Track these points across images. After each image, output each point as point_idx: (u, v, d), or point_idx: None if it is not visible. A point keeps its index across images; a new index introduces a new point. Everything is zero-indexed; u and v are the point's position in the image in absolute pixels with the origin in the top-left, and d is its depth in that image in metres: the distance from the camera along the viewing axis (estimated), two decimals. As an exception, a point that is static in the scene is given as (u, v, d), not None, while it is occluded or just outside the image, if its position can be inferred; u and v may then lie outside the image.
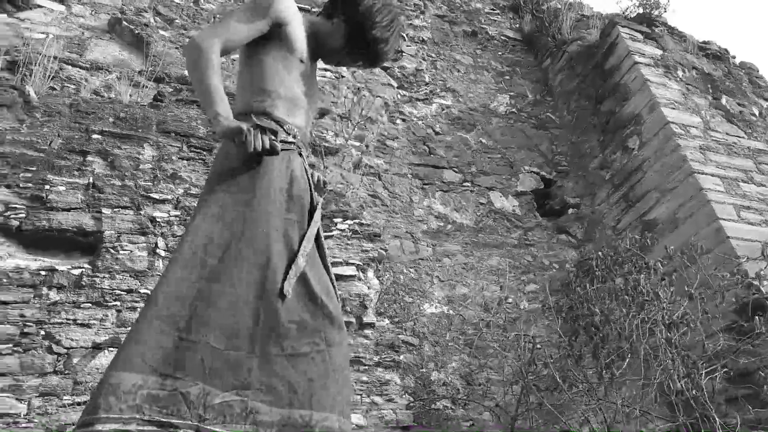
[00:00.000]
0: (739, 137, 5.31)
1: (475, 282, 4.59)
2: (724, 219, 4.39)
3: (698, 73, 5.72)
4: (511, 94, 6.40)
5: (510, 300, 4.64)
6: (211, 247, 1.51)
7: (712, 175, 4.73)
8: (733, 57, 6.20)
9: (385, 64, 5.86)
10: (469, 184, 5.30)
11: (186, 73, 4.62)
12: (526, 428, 3.24)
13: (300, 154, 1.79)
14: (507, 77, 6.56)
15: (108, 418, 1.24)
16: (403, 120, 5.49)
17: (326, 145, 4.60)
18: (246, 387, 1.41)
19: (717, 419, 2.74)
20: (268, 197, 1.59)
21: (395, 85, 5.75)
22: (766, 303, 3.72)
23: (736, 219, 4.48)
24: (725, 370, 3.18)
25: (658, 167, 5.01)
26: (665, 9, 6.12)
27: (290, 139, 1.75)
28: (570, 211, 5.66)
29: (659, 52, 5.67)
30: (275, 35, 1.79)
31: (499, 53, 6.80)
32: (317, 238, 1.79)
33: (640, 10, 6.23)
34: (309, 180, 1.79)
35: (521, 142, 5.98)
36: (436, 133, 5.58)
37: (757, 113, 5.67)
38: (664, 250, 3.98)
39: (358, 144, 4.90)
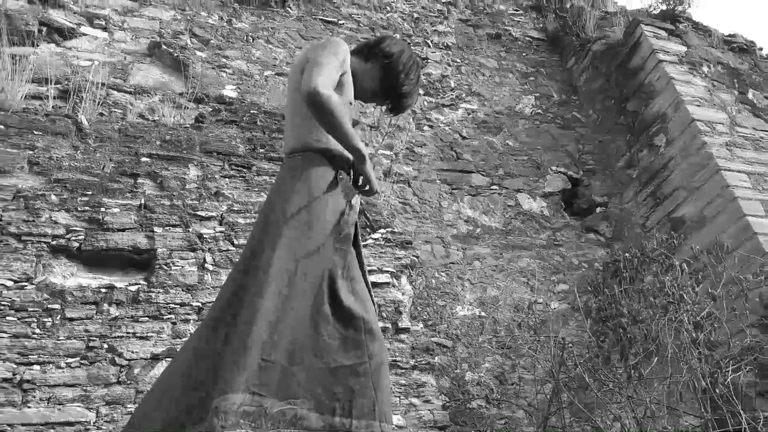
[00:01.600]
0: (767, 131, 5.32)
1: (506, 284, 4.74)
2: (751, 215, 4.45)
3: (724, 68, 5.73)
4: (536, 95, 6.50)
5: (540, 300, 4.77)
6: (284, 277, 1.69)
7: (739, 172, 4.78)
8: (760, 49, 6.19)
9: (411, 72, 6.01)
10: (496, 187, 5.43)
11: (224, 93, 4.86)
12: (559, 426, 3.39)
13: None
14: (532, 78, 6.65)
15: None
16: (431, 126, 5.64)
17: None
18: (296, 397, 1.62)
19: (743, 414, 2.85)
20: (325, 231, 1.77)
21: (422, 92, 5.91)
22: (794, 299, 3.78)
23: (764, 215, 4.52)
24: (750, 366, 3.28)
25: (684, 165, 5.07)
26: (689, 4, 6.14)
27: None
28: (598, 210, 5.75)
29: (683, 48, 5.70)
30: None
31: (524, 54, 6.89)
32: (358, 255, 1.98)
33: (664, 7, 6.25)
34: (356, 208, 1.98)
35: (547, 143, 6.08)
36: (463, 138, 5.72)
37: (785, 106, 5.67)
38: (691, 250, 4.08)
39: (387, 152, 5.08)
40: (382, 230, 4.02)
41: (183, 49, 5.01)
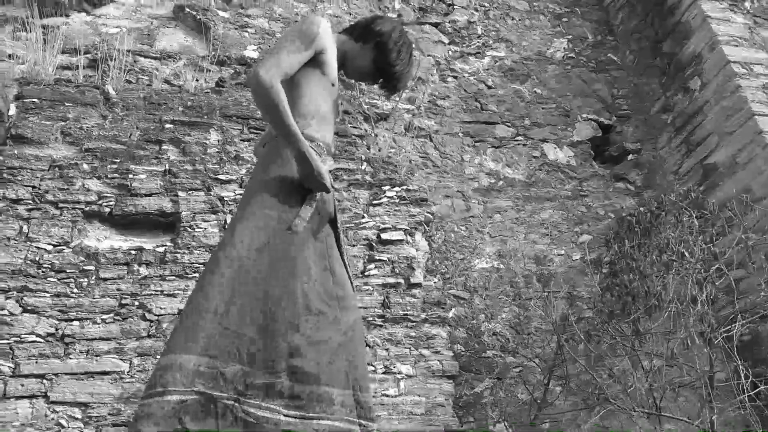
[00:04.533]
0: (813, 70, 5.00)
1: (526, 236, 4.78)
2: (783, 163, 4.27)
3: (770, 2, 5.36)
4: (569, 37, 6.27)
5: (562, 252, 4.80)
6: (250, 253, 1.84)
7: (775, 116, 4.56)
8: (815, -23, 5.71)
9: (436, 20, 5.92)
10: (521, 137, 5.38)
11: (245, 54, 4.96)
12: (563, 377, 3.50)
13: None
14: (565, 20, 6.41)
15: (175, 390, 1.65)
16: (455, 77, 5.59)
17: (377, 111, 4.85)
18: (281, 370, 1.76)
19: (743, 371, 2.89)
20: (298, 213, 1.89)
21: (446, 41, 5.82)
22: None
23: (798, 162, 4.34)
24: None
25: (718, 109, 4.87)
26: (737, -69, 5.68)
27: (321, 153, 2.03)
28: (629, 157, 5.62)
29: (725, -18, 5.35)
30: (313, 60, 2.05)
31: (557, -6, 6.61)
32: (336, 234, 2.09)
33: (709, -65, 5.81)
34: (332, 189, 2.07)
35: (578, 88, 5.92)
36: (489, 87, 5.64)
37: (837, 40, 5.28)
38: (717, 199, 4.00)
39: (409, 107, 5.10)
40: (396, 188, 4.12)
41: (205, 11, 5.11)
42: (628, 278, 3.21)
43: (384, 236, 3.91)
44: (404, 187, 4.12)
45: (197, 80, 4.56)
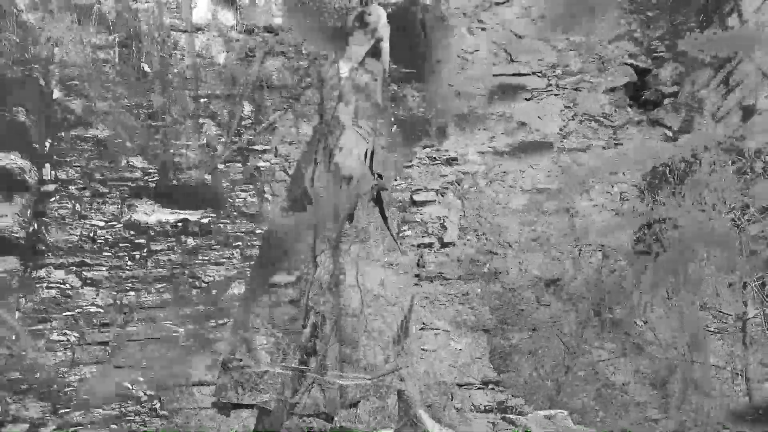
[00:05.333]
0: None
1: (559, 188, 4.78)
2: (827, 102, 4.13)
3: (818, -74, 5.04)
4: (602, -22, 6.05)
5: (596, 203, 4.79)
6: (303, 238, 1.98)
7: (820, 52, 4.37)
8: None
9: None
10: (553, 87, 5.31)
11: (272, 21, 4.99)
12: (599, 325, 3.59)
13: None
14: (596, -40, 6.17)
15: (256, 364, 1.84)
16: (483, 29, 5.50)
17: (406, 70, 4.85)
18: (348, 342, 1.93)
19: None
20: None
21: (474, -8, 5.70)
22: None
23: (844, 99, 4.18)
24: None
25: (758, 47, 4.69)
26: None
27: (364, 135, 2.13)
28: (666, 101, 5.49)
29: None
30: (371, 48, 2.15)
31: (588, -68, 6.35)
32: (379, 203, 2.21)
33: None
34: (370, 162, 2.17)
35: (612, 32, 5.74)
36: (518, 37, 5.54)
37: None
38: (755, 143, 3.93)
39: (438, 63, 5.08)
40: (428, 149, 4.17)
41: (231, -20, 5.13)
42: (661, 228, 3.23)
43: (416, 197, 4.00)
44: (435, 148, 4.17)
45: (227, 51, 4.64)
